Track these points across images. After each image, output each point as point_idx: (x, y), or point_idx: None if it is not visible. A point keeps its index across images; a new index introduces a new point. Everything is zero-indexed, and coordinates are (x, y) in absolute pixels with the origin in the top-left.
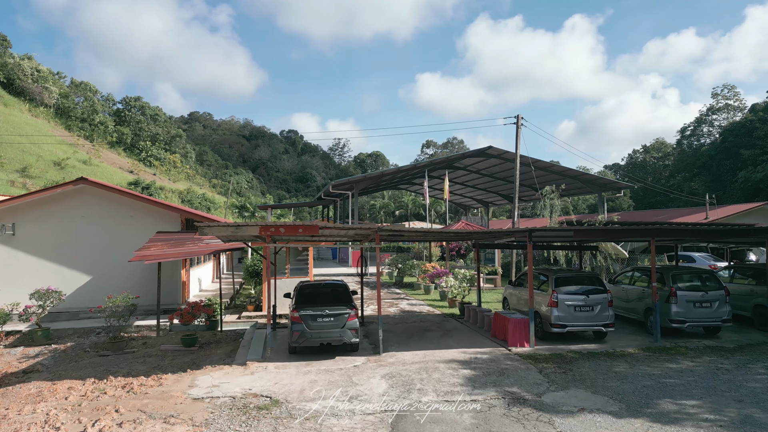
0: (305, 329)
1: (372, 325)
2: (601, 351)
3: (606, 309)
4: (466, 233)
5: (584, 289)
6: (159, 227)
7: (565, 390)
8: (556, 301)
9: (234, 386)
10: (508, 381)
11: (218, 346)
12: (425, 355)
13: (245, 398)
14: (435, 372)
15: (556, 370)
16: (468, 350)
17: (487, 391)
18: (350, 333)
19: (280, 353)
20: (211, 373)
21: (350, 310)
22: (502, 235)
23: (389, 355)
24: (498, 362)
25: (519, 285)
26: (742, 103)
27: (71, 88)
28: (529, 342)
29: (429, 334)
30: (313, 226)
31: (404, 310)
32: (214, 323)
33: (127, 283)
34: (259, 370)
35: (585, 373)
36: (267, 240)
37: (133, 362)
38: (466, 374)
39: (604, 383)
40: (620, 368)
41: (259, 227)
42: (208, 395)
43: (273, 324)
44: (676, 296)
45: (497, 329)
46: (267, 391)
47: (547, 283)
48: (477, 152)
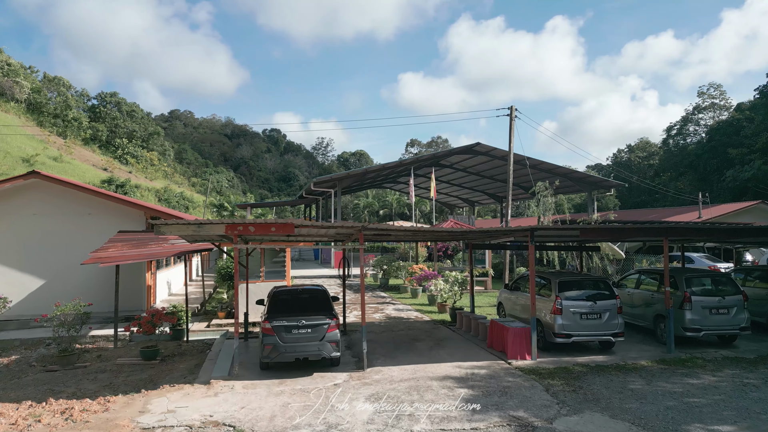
0: (278, 342)
1: (355, 334)
2: (611, 364)
3: (615, 316)
4: (460, 232)
5: (591, 295)
6: (122, 226)
7: (578, 414)
8: (561, 308)
9: (193, 412)
10: (512, 403)
11: (182, 359)
12: (415, 371)
13: (204, 428)
14: (428, 392)
15: (564, 388)
16: (463, 364)
17: (489, 417)
18: (330, 346)
19: (250, 369)
20: (168, 394)
21: (330, 320)
22: (500, 234)
23: (375, 371)
24: (498, 379)
25: (515, 289)
26: (728, 102)
27: (44, 83)
28: (531, 354)
29: (418, 344)
30: (288, 225)
31: (390, 316)
32: (179, 332)
33: (84, 288)
34: (224, 390)
35: (598, 391)
36: (235, 240)
37: (83, 379)
38: (463, 395)
39: (621, 404)
40: (636, 385)
41: (225, 226)
42: (161, 424)
43: (245, 333)
44: (691, 302)
45: (494, 339)
46: (231, 419)
47: (548, 288)
48: (464, 149)
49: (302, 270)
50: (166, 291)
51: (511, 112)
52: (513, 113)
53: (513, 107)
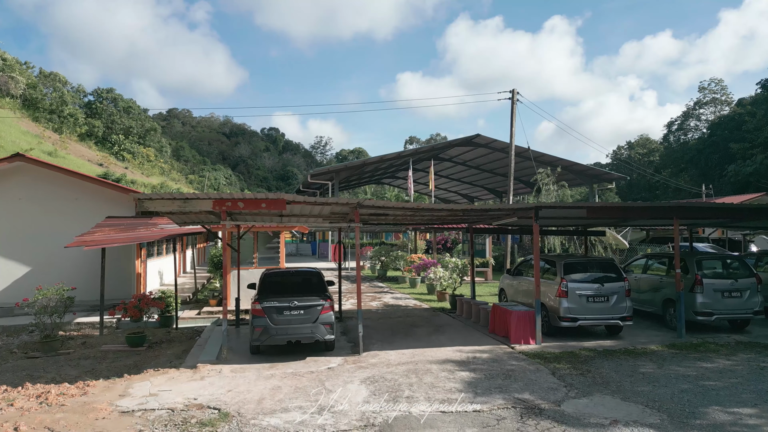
0: (269, 324)
1: (351, 321)
2: (619, 348)
3: (623, 299)
4: (462, 210)
5: (597, 277)
6: (110, 212)
7: (588, 396)
8: (566, 291)
9: (176, 395)
10: (516, 385)
11: (170, 345)
12: (413, 355)
13: (187, 411)
14: (427, 375)
15: (571, 372)
16: (464, 348)
17: (492, 399)
18: (324, 329)
19: (240, 354)
20: (151, 378)
21: (324, 301)
22: (502, 215)
23: (371, 355)
24: (501, 362)
25: (518, 274)
26: (729, 97)
27: (40, 79)
28: (535, 338)
29: (417, 330)
30: (279, 200)
31: (388, 304)
32: (168, 319)
33: (71, 276)
34: (211, 374)
35: (607, 374)
36: (223, 217)
37: (65, 365)
38: (464, 377)
39: (633, 387)
40: (647, 369)
41: (213, 201)
42: (141, 407)
43: (236, 320)
44: (702, 285)
45: (497, 324)
46: (216, 402)
47: (553, 271)
48: (464, 141)
49: (299, 264)
50: (157, 281)
51: (513, 96)
52: (515, 97)
53: (515, 90)
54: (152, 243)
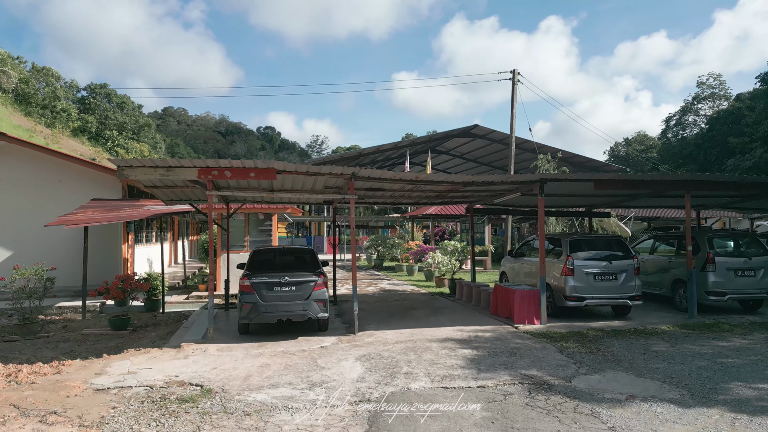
0: (258, 301)
1: (346, 304)
2: (628, 329)
3: (632, 278)
4: (462, 183)
5: (605, 255)
6: (96, 194)
7: (600, 373)
8: (572, 268)
9: (157, 373)
10: (523, 362)
11: (155, 329)
12: (412, 334)
13: (167, 388)
14: (426, 353)
15: (580, 350)
16: (465, 328)
17: (498, 375)
18: (317, 306)
19: (228, 334)
20: (131, 357)
21: (317, 277)
22: (505, 190)
23: (367, 334)
24: (505, 341)
25: (520, 255)
26: (728, 92)
27: (32, 74)
28: (539, 318)
29: (415, 312)
30: (269, 170)
31: (384, 289)
32: (154, 304)
33: (56, 260)
34: (196, 353)
35: (618, 353)
36: (209, 187)
37: (43, 348)
38: (466, 354)
39: (647, 365)
40: (660, 347)
41: (198, 169)
42: (118, 385)
43: (225, 304)
44: (714, 263)
45: (499, 305)
46: (199, 378)
47: (558, 251)
48: (462, 131)
49: None
50: (146, 268)
51: (513, 76)
52: (515, 78)
53: (515, 70)
54: (141, 229)
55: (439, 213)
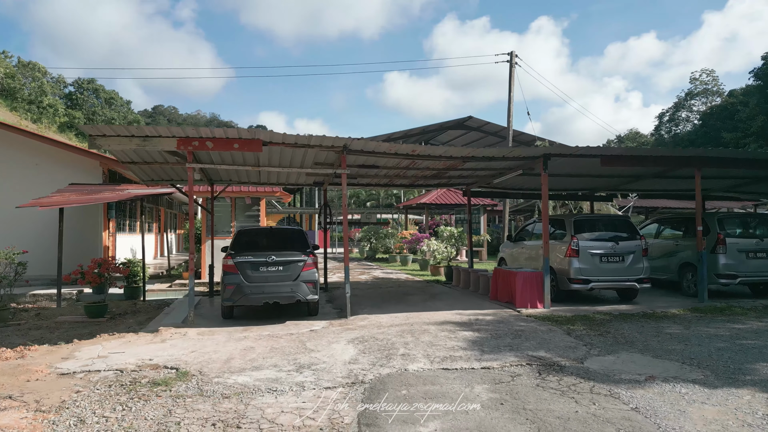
0: (242, 282)
1: (337, 290)
2: (636, 312)
3: (640, 259)
4: (461, 158)
5: (611, 236)
6: (75, 179)
7: (613, 354)
8: (577, 249)
9: (129, 356)
10: (529, 344)
11: (135, 316)
12: (407, 318)
13: (139, 371)
14: (424, 335)
15: (589, 332)
16: (464, 312)
17: (503, 357)
18: (306, 287)
19: (211, 319)
20: (104, 342)
21: (306, 256)
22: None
23: (360, 318)
24: (508, 323)
25: (520, 240)
26: (720, 88)
27: (18, 68)
28: (543, 302)
29: (411, 297)
30: (254, 140)
31: (378, 277)
32: (134, 291)
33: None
34: (174, 337)
35: (629, 335)
36: (189, 159)
37: (12, 335)
38: (467, 336)
39: (662, 346)
40: (673, 330)
41: (177, 139)
42: (85, 369)
43: (209, 291)
44: (725, 244)
45: (499, 289)
46: (176, 362)
47: (560, 233)
48: (457, 123)
49: None
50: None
51: (511, 58)
52: (513, 60)
53: (513, 52)
54: (124, 217)
55: (434, 202)
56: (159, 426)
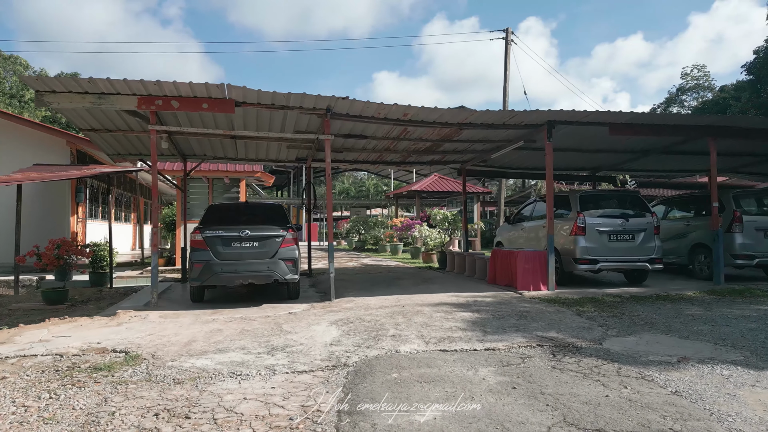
0: (212, 259)
1: (322, 275)
2: (649, 295)
3: (651, 238)
4: (458, 124)
5: (620, 212)
6: (41, 159)
7: (634, 335)
8: (583, 227)
9: (75, 340)
10: (537, 325)
11: (99, 303)
12: (398, 300)
13: (82, 356)
14: (418, 316)
15: (601, 314)
16: (461, 294)
17: (509, 337)
18: (284, 266)
19: (179, 302)
20: (51, 326)
21: (285, 231)
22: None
23: (345, 300)
24: (511, 305)
25: (518, 222)
26: (712, 83)
27: None
28: (547, 284)
29: (402, 282)
30: (226, 101)
31: (366, 264)
32: (100, 277)
33: None
34: (133, 320)
35: (648, 316)
36: (152, 120)
37: None
38: (466, 317)
39: (687, 327)
40: (693, 311)
41: (138, 98)
42: (20, 353)
43: (183, 276)
44: (742, 222)
45: (498, 272)
46: (127, 345)
47: (563, 213)
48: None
49: None
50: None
51: (507, 35)
52: (509, 37)
53: (509, 29)
54: (96, 204)
55: (426, 189)
56: (88, 417)
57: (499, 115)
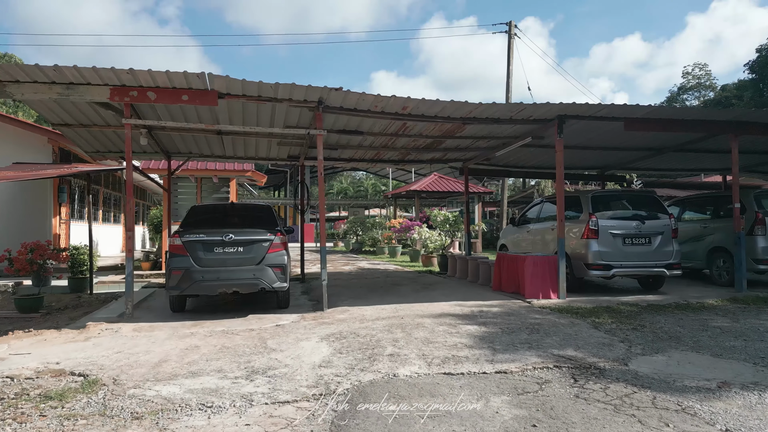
0: (192, 266)
1: (316, 281)
2: (668, 303)
3: (669, 241)
4: (461, 118)
5: (635, 214)
6: (21, 158)
7: (662, 353)
8: (596, 229)
9: (33, 359)
10: (551, 341)
11: (76, 310)
12: (397, 310)
13: (35, 379)
14: (418, 330)
15: (620, 326)
16: (465, 303)
17: (522, 357)
18: (272, 273)
19: (158, 312)
20: (11, 341)
21: (273, 235)
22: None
23: (339, 311)
24: (520, 316)
25: (524, 223)
26: (713, 82)
27: None
28: (557, 291)
29: (401, 288)
30: (208, 93)
31: (363, 267)
32: (80, 283)
33: None
34: (103, 334)
35: (671, 329)
36: (126, 113)
37: None
38: (472, 332)
39: (718, 343)
40: (720, 323)
41: (110, 88)
42: None
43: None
44: (765, 225)
45: (503, 278)
46: (89, 366)
47: (574, 213)
48: None
49: None
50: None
51: (510, 28)
52: (512, 30)
53: (512, 22)
54: (83, 204)
55: (425, 189)
56: None
57: (506, 108)
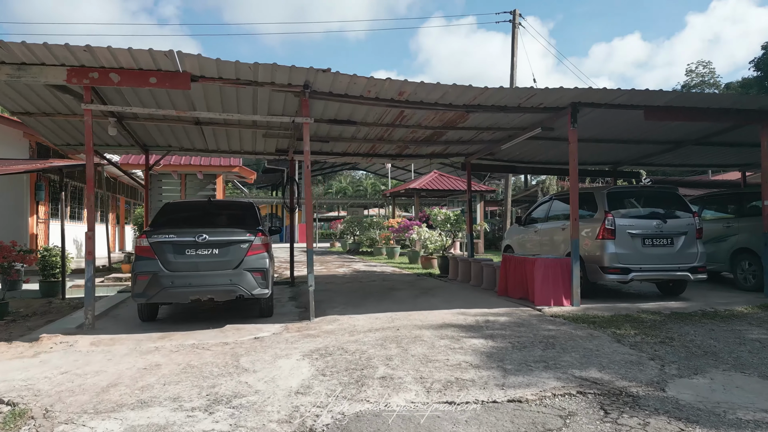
0: (161, 270)
1: (305, 285)
2: (694, 311)
3: (693, 242)
4: (464, 106)
5: (656, 212)
6: None
7: (702, 375)
8: (613, 229)
9: None
10: (570, 358)
11: (43, 317)
12: (392, 319)
13: None
14: (415, 344)
15: (645, 339)
16: (469, 311)
17: (538, 380)
18: (251, 278)
19: (126, 322)
20: None
21: (253, 236)
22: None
23: (328, 320)
24: (531, 327)
25: (531, 223)
26: (717, 80)
27: None
28: (570, 298)
29: (398, 293)
30: (179, 75)
31: (359, 270)
32: (52, 287)
33: None
34: (55, 348)
35: (704, 343)
36: (86, 97)
37: None
38: (478, 347)
39: (761, 360)
40: (757, 335)
41: (68, 69)
42: None
43: None
44: None
45: (510, 282)
46: (24, 390)
47: (588, 213)
48: None
49: None
50: (72, 250)
51: (514, 17)
52: (516, 19)
53: (516, 11)
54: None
55: (425, 187)
56: None
57: (515, 93)
